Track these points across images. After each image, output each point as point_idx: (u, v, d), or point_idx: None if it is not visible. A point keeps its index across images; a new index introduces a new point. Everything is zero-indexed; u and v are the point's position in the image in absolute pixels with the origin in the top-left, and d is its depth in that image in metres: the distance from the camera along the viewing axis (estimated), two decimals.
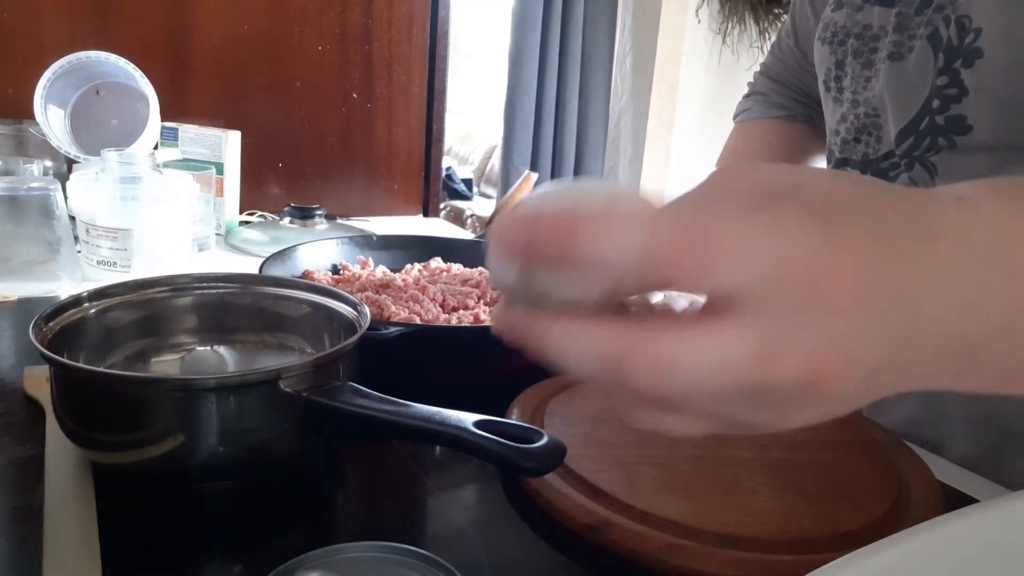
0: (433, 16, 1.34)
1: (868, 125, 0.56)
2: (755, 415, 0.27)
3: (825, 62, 0.60)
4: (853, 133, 0.58)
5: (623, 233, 0.24)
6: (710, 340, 0.24)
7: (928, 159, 0.52)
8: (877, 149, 0.56)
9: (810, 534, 0.42)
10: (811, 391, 0.25)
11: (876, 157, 0.56)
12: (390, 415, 0.43)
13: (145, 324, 0.56)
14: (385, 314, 0.70)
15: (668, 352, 0.24)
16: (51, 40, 1.08)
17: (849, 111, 0.58)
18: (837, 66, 0.59)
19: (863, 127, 0.57)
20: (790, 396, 0.25)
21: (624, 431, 0.53)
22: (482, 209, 3.94)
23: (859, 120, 0.57)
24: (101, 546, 0.39)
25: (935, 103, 0.51)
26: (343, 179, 1.34)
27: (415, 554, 0.35)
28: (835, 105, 0.60)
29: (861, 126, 0.57)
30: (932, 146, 0.51)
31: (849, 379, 0.25)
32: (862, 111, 0.57)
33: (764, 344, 0.24)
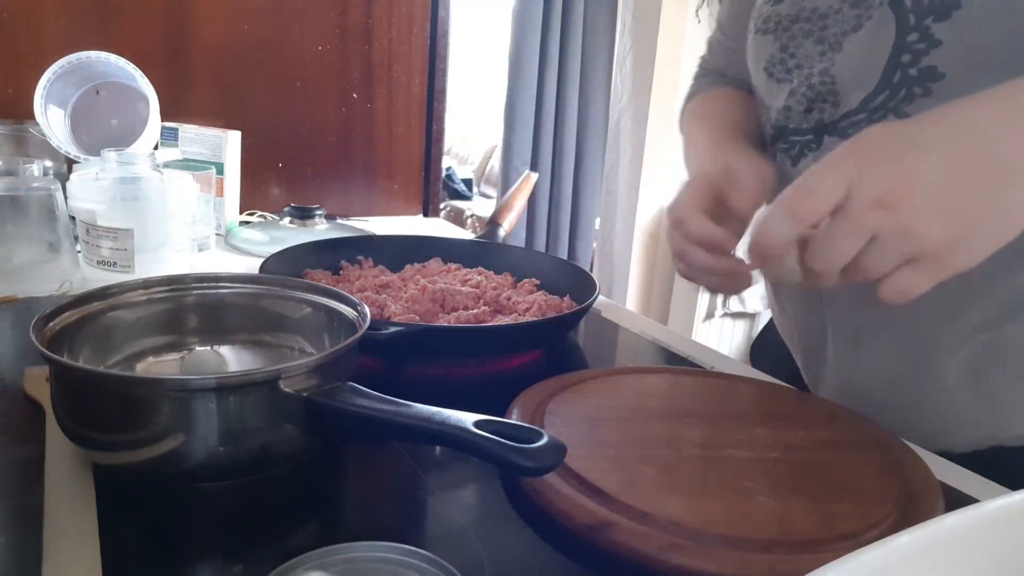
0: (433, 16, 1.34)
1: (823, 93, 0.61)
2: (893, 249, 0.44)
3: (767, 49, 0.66)
4: (805, 104, 0.63)
5: None
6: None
7: (903, 108, 0.57)
8: (833, 113, 0.61)
9: (810, 534, 0.42)
10: (890, 218, 0.43)
11: (832, 120, 0.61)
12: (390, 415, 0.43)
13: (145, 324, 0.56)
14: (385, 314, 0.70)
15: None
16: (51, 40, 1.08)
17: (800, 85, 0.63)
18: (782, 50, 0.65)
19: (817, 96, 0.62)
20: (885, 231, 0.43)
21: (624, 431, 0.53)
22: (482, 209, 3.93)
23: (813, 90, 0.62)
24: (101, 546, 0.39)
25: (905, 57, 0.55)
26: (343, 179, 1.34)
27: (415, 554, 0.35)
28: (780, 85, 0.65)
29: (815, 95, 0.62)
30: (907, 96, 0.56)
31: (916, 196, 0.43)
32: (816, 81, 0.61)
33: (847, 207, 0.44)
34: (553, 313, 0.73)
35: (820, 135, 0.63)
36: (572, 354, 0.77)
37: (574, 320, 0.74)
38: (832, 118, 0.61)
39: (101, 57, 0.99)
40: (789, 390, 0.64)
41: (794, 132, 0.65)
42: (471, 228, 3.72)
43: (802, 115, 0.64)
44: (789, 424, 0.56)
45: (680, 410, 0.56)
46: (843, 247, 0.45)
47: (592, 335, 0.83)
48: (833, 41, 0.61)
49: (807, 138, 0.64)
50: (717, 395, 0.60)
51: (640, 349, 0.79)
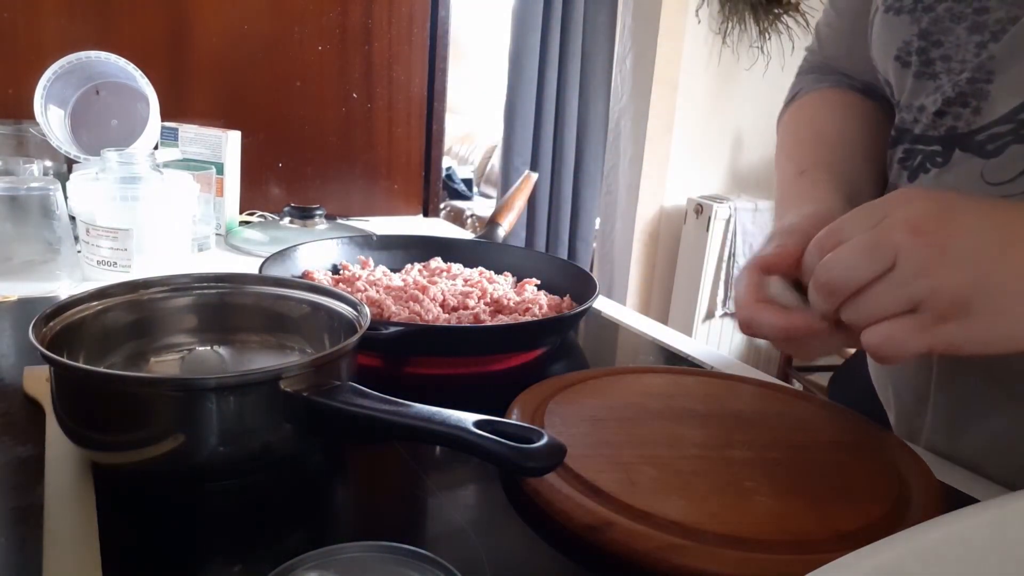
0: (433, 16, 1.34)
1: (968, 93, 0.51)
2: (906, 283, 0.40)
3: (900, 33, 0.55)
4: (939, 105, 0.53)
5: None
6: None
7: None
8: (972, 121, 0.51)
9: (810, 534, 0.42)
10: (917, 243, 0.39)
11: (968, 131, 0.51)
12: (390, 415, 0.43)
13: (145, 324, 0.56)
14: (385, 314, 0.70)
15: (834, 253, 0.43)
16: (51, 40, 1.08)
17: (947, 81, 0.52)
18: (921, 36, 0.54)
19: (959, 96, 0.52)
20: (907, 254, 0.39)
21: (624, 431, 0.53)
22: (482, 209, 3.94)
23: (957, 88, 0.52)
24: (101, 546, 0.39)
25: None
26: (343, 179, 1.34)
27: (415, 554, 0.35)
28: (918, 80, 0.55)
29: (956, 95, 0.52)
30: None
31: (950, 235, 0.39)
32: (965, 78, 0.51)
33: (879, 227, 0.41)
34: (553, 313, 0.73)
35: (950, 147, 0.53)
36: (572, 354, 0.77)
37: (574, 320, 0.74)
38: (969, 126, 0.51)
39: (101, 57, 0.99)
40: (789, 390, 0.64)
41: (920, 139, 0.55)
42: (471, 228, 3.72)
43: (933, 118, 0.54)
44: (789, 424, 0.56)
45: (680, 410, 0.56)
46: (858, 260, 0.41)
47: (592, 335, 0.83)
48: (996, 28, 0.49)
49: (933, 148, 0.54)
50: (717, 395, 0.60)
51: (640, 349, 0.79)
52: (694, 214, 2.76)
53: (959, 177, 0.53)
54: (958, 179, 0.53)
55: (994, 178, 0.51)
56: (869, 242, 0.41)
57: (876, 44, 0.59)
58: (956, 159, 0.52)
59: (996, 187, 0.50)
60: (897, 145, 0.59)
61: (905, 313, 0.40)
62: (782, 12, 2.69)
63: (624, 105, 2.82)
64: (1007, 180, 0.50)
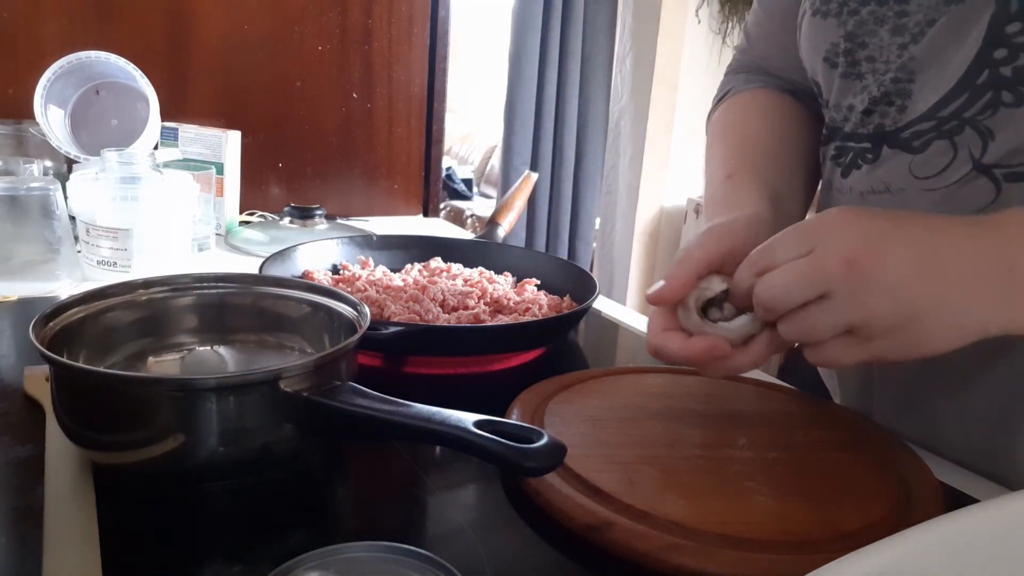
0: (433, 16, 1.34)
1: (892, 92, 0.53)
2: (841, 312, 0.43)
3: (828, 35, 0.57)
4: (866, 104, 0.55)
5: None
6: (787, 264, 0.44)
7: (982, 122, 0.49)
8: (898, 119, 0.54)
9: (810, 534, 0.42)
10: (850, 277, 0.42)
11: (894, 128, 0.54)
12: (390, 415, 0.43)
13: (145, 324, 0.56)
14: (385, 314, 0.70)
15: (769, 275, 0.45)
16: (51, 40, 1.08)
17: (872, 81, 0.54)
18: (848, 38, 0.56)
19: (884, 96, 0.54)
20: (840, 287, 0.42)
21: (624, 431, 0.53)
22: (482, 209, 3.93)
23: (882, 88, 0.54)
24: (101, 546, 0.39)
25: (999, 52, 0.47)
26: (343, 179, 1.34)
27: (415, 554, 0.35)
28: (845, 80, 0.57)
29: (881, 95, 0.54)
30: (992, 103, 0.49)
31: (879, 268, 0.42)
32: (889, 78, 0.53)
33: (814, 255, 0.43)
34: (553, 313, 0.73)
35: (879, 144, 0.55)
36: (572, 354, 0.77)
37: (574, 320, 0.74)
38: (895, 124, 0.54)
39: (101, 57, 0.99)
40: (789, 390, 0.64)
41: (850, 136, 0.58)
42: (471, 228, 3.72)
43: (861, 117, 0.56)
44: (789, 424, 0.56)
45: (680, 410, 0.56)
46: (796, 286, 0.44)
47: (592, 335, 0.83)
48: (915, 31, 0.51)
49: (863, 146, 0.56)
50: (717, 395, 0.60)
51: (640, 349, 0.79)
52: (694, 214, 2.76)
53: (889, 172, 0.55)
54: (888, 174, 0.55)
55: (922, 172, 0.53)
56: (804, 271, 0.44)
57: (804, 46, 0.61)
58: (885, 155, 0.55)
59: (924, 180, 0.53)
60: (829, 143, 0.61)
61: (839, 334, 0.44)
62: None
63: (624, 105, 2.82)
64: (934, 174, 0.53)
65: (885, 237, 0.43)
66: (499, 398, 0.56)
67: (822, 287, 0.43)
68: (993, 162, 0.50)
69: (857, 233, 0.43)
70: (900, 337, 0.43)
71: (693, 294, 0.51)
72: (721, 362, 0.50)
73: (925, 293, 0.42)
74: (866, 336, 0.43)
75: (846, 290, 0.42)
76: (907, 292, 0.42)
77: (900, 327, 0.43)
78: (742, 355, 0.49)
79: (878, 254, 0.42)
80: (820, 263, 0.43)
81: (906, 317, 0.42)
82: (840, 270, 0.42)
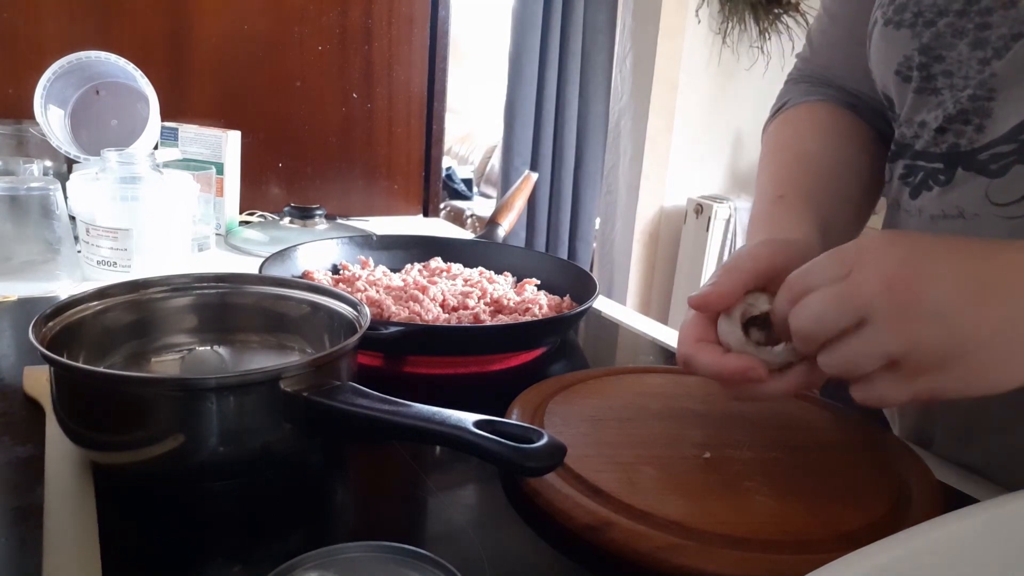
0: (433, 16, 1.34)
1: (970, 111, 0.50)
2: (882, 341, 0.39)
3: (901, 48, 0.54)
4: (940, 121, 0.52)
5: None
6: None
7: None
8: (975, 139, 0.50)
9: (810, 534, 0.42)
10: (890, 300, 0.38)
11: (971, 149, 0.50)
12: (390, 415, 0.43)
13: (145, 324, 0.56)
14: (385, 314, 0.70)
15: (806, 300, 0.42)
16: (51, 40, 1.08)
17: (949, 97, 0.51)
18: (922, 51, 0.52)
19: (960, 113, 0.50)
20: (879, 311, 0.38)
21: (624, 431, 0.53)
22: (482, 209, 3.93)
23: (959, 105, 0.50)
24: (101, 546, 0.39)
25: None
26: (343, 179, 1.34)
27: (415, 554, 0.35)
28: (918, 95, 0.54)
29: (957, 112, 0.51)
30: None
31: (923, 290, 0.38)
32: (967, 95, 0.50)
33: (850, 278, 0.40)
34: (553, 313, 0.73)
35: (953, 165, 0.51)
36: (572, 354, 0.77)
37: (574, 320, 0.74)
38: (972, 144, 0.50)
39: (101, 57, 0.99)
40: None
41: (921, 155, 0.54)
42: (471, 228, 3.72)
43: (935, 135, 0.52)
44: (789, 424, 0.56)
45: (680, 410, 0.56)
46: (831, 311, 0.40)
47: (592, 335, 0.83)
48: (998, 45, 0.48)
49: (935, 166, 0.53)
50: (717, 395, 0.60)
51: (640, 349, 0.79)
52: (694, 214, 2.76)
53: (963, 196, 0.52)
54: (962, 198, 0.52)
55: (999, 198, 0.50)
56: (837, 295, 0.40)
57: (876, 58, 0.58)
58: (960, 177, 0.51)
59: (1001, 207, 0.50)
60: (897, 160, 0.57)
61: (884, 367, 0.40)
62: (782, 12, 2.69)
63: (624, 105, 2.82)
64: (1013, 201, 0.49)
65: (929, 256, 0.39)
66: (499, 398, 0.56)
67: (859, 313, 0.39)
68: None
69: (898, 253, 0.39)
70: (955, 371, 0.38)
71: (739, 307, 0.47)
72: (752, 386, 0.46)
73: (982, 319, 0.38)
74: (914, 369, 0.39)
75: (885, 315, 0.38)
76: (959, 317, 0.37)
77: (954, 358, 0.38)
78: (776, 382, 0.46)
79: (920, 274, 0.38)
80: (856, 286, 0.39)
81: (957, 346, 0.38)
82: (878, 293, 0.38)
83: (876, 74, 0.58)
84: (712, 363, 0.46)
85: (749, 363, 0.45)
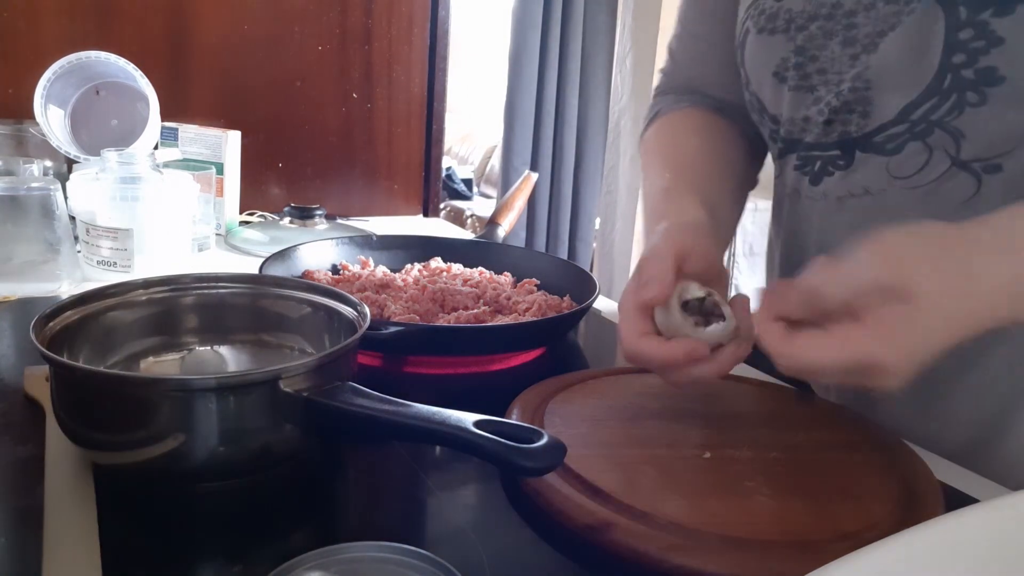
0: (433, 16, 1.34)
1: (852, 101, 0.55)
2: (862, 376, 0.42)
3: (776, 51, 0.60)
4: (827, 115, 0.57)
5: None
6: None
7: (950, 123, 0.51)
8: (863, 125, 0.55)
9: (810, 534, 0.42)
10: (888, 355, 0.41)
11: (862, 133, 0.56)
12: (390, 415, 0.43)
13: (145, 324, 0.56)
14: (385, 314, 0.70)
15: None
16: (51, 40, 1.08)
17: (826, 93, 0.57)
18: (798, 52, 0.58)
19: (843, 105, 0.56)
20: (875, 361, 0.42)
21: (624, 431, 0.53)
22: (482, 209, 3.93)
23: (840, 98, 0.56)
24: (101, 546, 0.39)
25: (958, 57, 0.50)
26: (343, 179, 1.34)
27: (415, 554, 0.35)
28: (796, 93, 0.59)
29: (841, 104, 0.56)
30: (958, 103, 0.51)
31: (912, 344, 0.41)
32: (846, 88, 0.55)
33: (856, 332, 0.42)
34: (553, 313, 0.73)
35: (850, 150, 0.57)
36: (572, 354, 0.77)
37: (574, 320, 0.74)
38: (861, 130, 0.56)
39: (101, 57, 0.99)
40: (789, 390, 0.64)
41: (814, 147, 0.59)
42: (471, 228, 3.72)
43: (823, 127, 0.58)
44: (789, 424, 0.56)
45: (680, 410, 0.56)
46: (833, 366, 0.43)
47: (592, 335, 0.83)
48: (866, 42, 0.54)
49: (832, 154, 0.58)
50: (717, 395, 0.60)
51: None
52: None
53: (866, 176, 0.57)
54: (865, 177, 0.57)
55: (900, 172, 0.55)
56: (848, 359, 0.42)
57: (751, 64, 0.63)
58: (859, 160, 0.57)
59: (903, 180, 0.55)
60: (787, 155, 0.62)
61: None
62: None
63: (624, 105, 2.82)
64: (912, 173, 0.55)
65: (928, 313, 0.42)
66: (499, 398, 0.56)
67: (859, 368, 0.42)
68: (970, 158, 0.52)
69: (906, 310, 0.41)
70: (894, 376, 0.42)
71: (673, 295, 0.51)
72: (690, 368, 0.50)
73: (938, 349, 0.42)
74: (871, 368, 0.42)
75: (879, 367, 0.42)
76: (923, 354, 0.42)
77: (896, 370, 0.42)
78: (710, 364, 0.50)
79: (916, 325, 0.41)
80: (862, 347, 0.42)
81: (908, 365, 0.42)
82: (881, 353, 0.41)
83: (751, 78, 0.64)
84: (658, 352, 0.50)
85: (693, 344, 0.50)
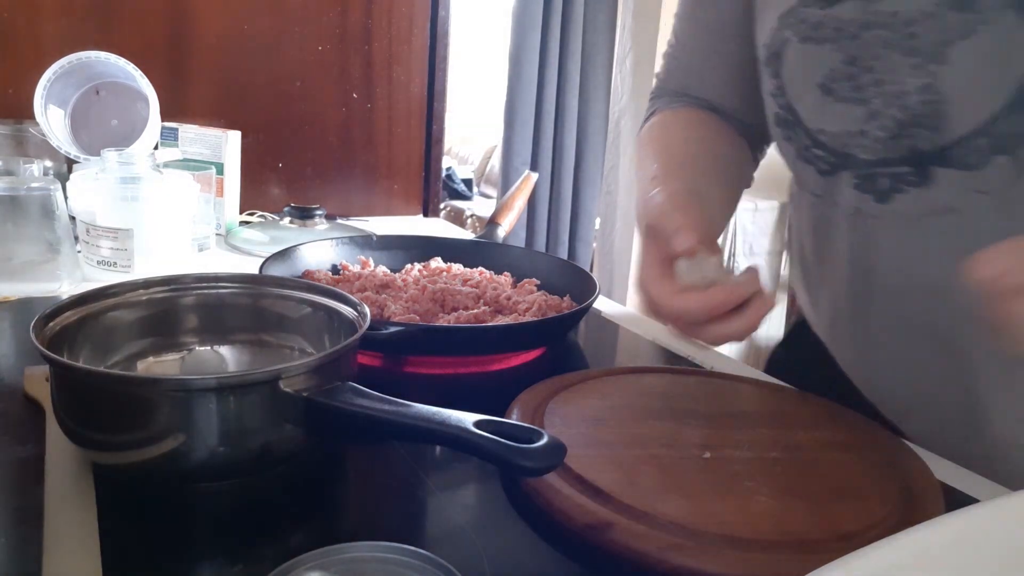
0: (433, 16, 1.34)
1: (921, 115, 0.52)
2: None
3: (824, 62, 0.57)
4: (893, 128, 0.54)
5: None
6: None
7: None
8: (934, 140, 0.52)
9: (810, 534, 0.42)
10: None
11: (936, 148, 0.52)
12: (390, 415, 0.43)
13: (145, 324, 0.56)
14: (385, 314, 0.70)
15: None
16: (51, 40, 1.08)
17: (884, 105, 0.54)
18: (850, 62, 0.55)
19: (911, 119, 0.53)
20: None
21: (624, 431, 0.53)
22: (482, 209, 3.93)
23: (906, 112, 0.53)
24: (101, 546, 0.39)
25: None
26: (343, 179, 1.34)
27: (415, 554, 0.35)
28: (847, 105, 0.56)
29: (908, 118, 0.53)
30: None
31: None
32: (915, 101, 0.52)
33: None
34: (553, 313, 0.73)
35: (923, 166, 0.54)
36: (572, 354, 0.77)
37: (574, 320, 0.74)
38: (934, 145, 0.53)
39: (101, 57, 0.99)
40: (789, 390, 0.64)
41: (879, 163, 0.56)
42: (471, 228, 3.72)
43: (887, 142, 0.55)
44: (789, 424, 0.56)
45: (680, 410, 0.56)
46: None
47: (592, 335, 0.83)
48: (931, 51, 0.51)
49: (902, 170, 0.55)
50: (717, 395, 0.60)
51: (640, 349, 0.79)
52: None
53: (949, 192, 0.54)
54: (949, 194, 0.54)
55: (987, 187, 0.52)
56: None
57: (791, 74, 0.60)
58: (938, 177, 0.53)
59: (989, 195, 0.52)
60: (841, 171, 0.59)
61: None
62: None
63: (624, 105, 2.82)
64: (1000, 188, 0.52)
65: None
66: (499, 398, 0.56)
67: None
68: None
69: None
70: None
71: None
72: (727, 323, 0.52)
73: None
74: None
75: None
76: None
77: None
78: (741, 319, 0.52)
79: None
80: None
81: None
82: None
83: (787, 89, 0.61)
84: (702, 302, 0.52)
85: (731, 287, 0.52)
